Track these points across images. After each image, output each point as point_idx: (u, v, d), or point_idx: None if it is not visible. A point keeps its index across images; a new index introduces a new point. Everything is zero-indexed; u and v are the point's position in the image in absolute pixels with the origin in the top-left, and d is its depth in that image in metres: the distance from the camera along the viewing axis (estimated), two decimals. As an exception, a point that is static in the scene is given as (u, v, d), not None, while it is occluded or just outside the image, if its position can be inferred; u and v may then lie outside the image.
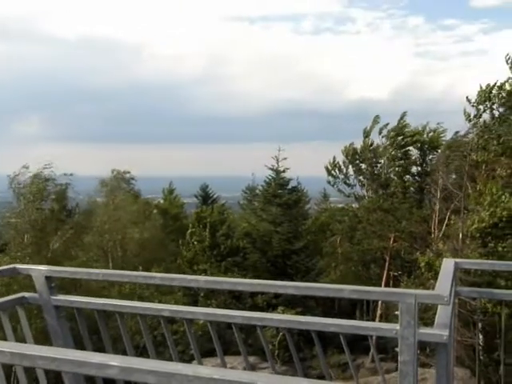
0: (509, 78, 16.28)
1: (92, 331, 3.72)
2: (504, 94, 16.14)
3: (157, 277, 3.59)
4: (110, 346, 3.61)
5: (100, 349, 3.71)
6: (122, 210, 27.97)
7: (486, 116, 17.46)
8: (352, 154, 29.51)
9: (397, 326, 3.05)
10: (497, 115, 16.63)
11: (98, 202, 30.72)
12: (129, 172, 31.55)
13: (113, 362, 1.73)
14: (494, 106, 16.56)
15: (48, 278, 3.53)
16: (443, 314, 3.26)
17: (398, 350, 3.13)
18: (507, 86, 16.32)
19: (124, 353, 3.52)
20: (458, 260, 4.10)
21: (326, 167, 30.44)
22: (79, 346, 3.50)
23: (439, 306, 3.31)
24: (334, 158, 30.30)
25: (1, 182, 27.11)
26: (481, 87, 16.78)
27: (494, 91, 16.56)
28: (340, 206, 33.36)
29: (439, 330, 3.03)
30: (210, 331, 3.45)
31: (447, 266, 3.82)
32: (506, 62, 16.11)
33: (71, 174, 26.36)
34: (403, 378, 3.10)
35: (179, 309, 3.55)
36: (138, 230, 27.34)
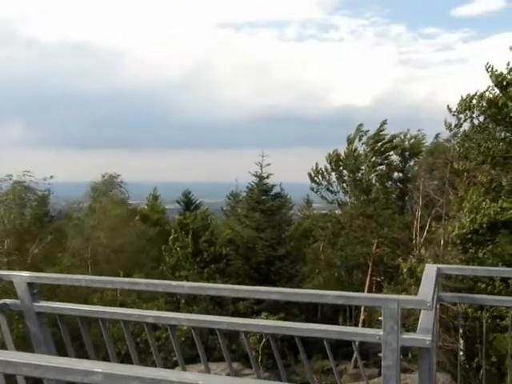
0: (489, 87, 16.53)
1: (75, 338, 3.69)
2: (484, 103, 16.38)
3: (141, 283, 3.57)
4: (92, 352, 3.59)
5: (82, 355, 3.68)
6: (104, 215, 27.81)
7: (466, 125, 17.73)
8: (335, 161, 29.69)
9: (380, 332, 3.08)
10: (477, 124, 16.88)
11: (80, 207, 30.58)
12: (119, 175, 31.50)
13: (97, 368, 1.72)
14: (474, 115, 16.80)
15: (30, 285, 3.50)
16: (426, 319, 3.29)
17: (381, 355, 3.15)
18: (487, 95, 16.55)
19: (106, 359, 3.50)
20: (440, 266, 4.15)
21: (309, 174, 30.57)
22: (62, 352, 3.47)
23: (422, 312, 3.35)
24: (317, 164, 30.46)
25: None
26: (462, 97, 17.02)
27: (474, 100, 16.80)
28: (323, 212, 33.50)
29: (422, 335, 3.06)
30: (194, 337, 3.44)
31: (429, 271, 3.87)
32: (487, 70, 16.34)
33: (51, 177, 26.26)
34: (386, 382, 3.13)
35: (163, 315, 3.54)
36: (119, 235, 27.19)
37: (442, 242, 19.51)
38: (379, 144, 28.81)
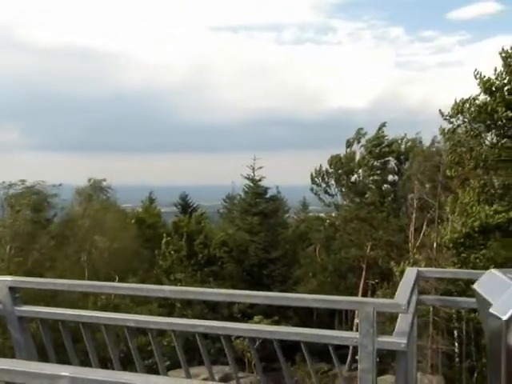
0: (480, 92, 16.59)
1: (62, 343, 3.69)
2: (475, 109, 16.44)
3: (123, 287, 3.60)
4: (74, 357, 3.60)
5: (67, 361, 3.70)
6: (98, 219, 27.87)
7: (459, 130, 17.76)
8: (335, 163, 29.72)
9: (357, 335, 3.11)
10: (469, 128, 16.96)
11: (76, 211, 30.68)
12: (105, 180, 31.50)
13: (64, 372, 1.75)
14: (467, 120, 16.86)
15: (12, 289, 3.51)
16: (403, 322, 3.33)
17: (357, 357, 3.19)
18: (477, 102, 16.63)
19: (105, 366, 3.52)
20: (420, 269, 4.19)
21: (311, 175, 30.55)
22: (44, 357, 3.49)
23: (400, 315, 3.38)
24: (321, 166, 30.42)
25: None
26: (455, 101, 17.09)
27: (466, 105, 16.87)
28: (320, 215, 33.54)
29: (398, 338, 3.09)
30: (174, 341, 3.47)
31: (409, 274, 3.90)
32: (475, 76, 16.43)
33: (60, 185, 26.87)
34: (362, 385, 3.16)
35: (144, 319, 3.56)
36: (114, 239, 27.21)
37: (435, 246, 19.55)
38: (378, 148, 28.91)
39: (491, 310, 0.99)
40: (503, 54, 16.75)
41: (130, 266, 26.85)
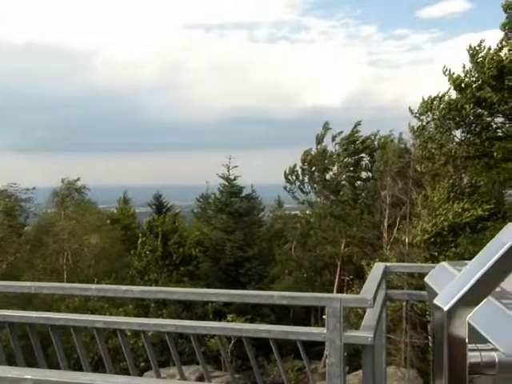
0: (449, 89, 16.86)
1: (44, 346, 3.65)
2: (444, 106, 16.69)
3: (91, 288, 3.57)
4: (43, 360, 3.57)
5: (51, 364, 3.67)
6: (74, 220, 27.64)
7: (428, 126, 18.02)
8: (308, 161, 29.91)
9: (324, 330, 3.16)
10: (439, 125, 17.21)
11: (50, 213, 30.40)
12: (78, 180, 31.19)
13: (27, 375, 1.76)
14: (436, 117, 17.11)
15: (-22, 293, 3.48)
16: (370, 316, 3.39)
17: (326, 353, 3.24)
18: (446, 98, 16.88)
19: (80, 368, 3.50)
20: (388, 264, 4.26)
21: (285, 173, 30.70)
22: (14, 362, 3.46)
23: (367, 310, 3.44)
24: (295, 165, 30.59)
25: None
26: (423, 98, 17.34)
27: (435, 102, 17.12)
28: (294, 213, 33.73)
29: (364, 333, 3.15)
30: (144, 341, 3.46)
31: (376, 270, 3.96)
32: (444, 73, 16.66)
33: (34, 188, 26.52)
34: (331, 379, 3.21)
35: (113, 319, 3.55)
36: (92, 241, 27.07)
37: (407, 242, 19.84)
38: (353, 145, 29.25)
39: (434, 301, 1.03)
40: (470, 51, 17.04)
41: (108, 267, 26.71)
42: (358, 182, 30.29)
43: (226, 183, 28.18)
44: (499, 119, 17.30)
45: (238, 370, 17.84)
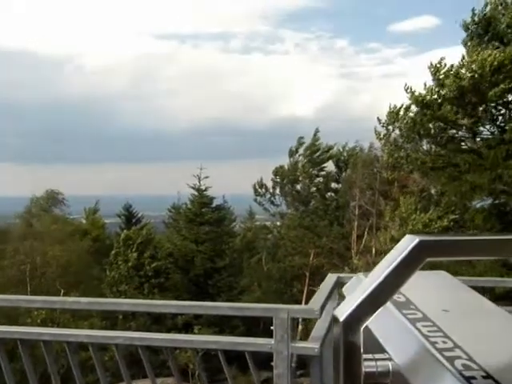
0: (410, 104, 17.13)
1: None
2: (409, 117, 16.99)
3: (37, 300, 3.52)
4: (10, 375, 3.48)
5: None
6: (42, 231, 27.24)
7: (395, 135, 18.31)
8: (280, 174, 30.10)
9: (272, 341, 3.16)
10: (405, 135, 17.51)
11: (17, 223, 29.89)
12: (59, 193, 30.88)
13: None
14: (402, 127, 17.40)
15: None
16: (319, 327, 3.40)
17: (272, 364, 3.23)
18: (413, 111, 17.20)
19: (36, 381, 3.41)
20: (341, 274, 4.29)
21: (254, 186, 30.81)
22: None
23: (318, 320, 3.45)
24: (262, 178, 30.75)
25: None
26: (389, 108, 17.63)
27: (401, 112, 17.41)
28: (266, 223, 33.78)
29: (312, 344, 3.17)
30: (92, 354, 3.41)
31: (328, 280, 3.99)
32: (405, 90, 16.93)
33: None
34: (278, 391, 3.21)
35: (61, 332, 3.49)
36: (59, 252, 26.61)
37: (374, 252, 20.05)
38: (315, 155, 29.48)
39: (334, 312, 1.04)
40: (432, 69, 17.32)
41: (74, 279, 26.28)
42: (328, 194, 30.56)
43: (197, 194, 28.11)
44: (462, 133, 17.68)
45: (210, 381, 17.66)
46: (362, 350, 1.08)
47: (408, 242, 1.09)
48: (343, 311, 1.11)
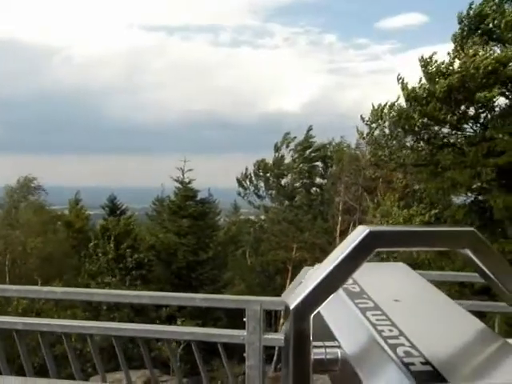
0: (398, 98, 17.30)
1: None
2: (394, 113, 17.10)
3: (11, 289, 3.50)
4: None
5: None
6: (22, 221, 26.97)
7: (378, 133, 18.42)
8: (263, 168, 30.13)
9: (245, 333, 3.18)
10: (388, 133, 17.62)
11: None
12: (35, 179, 30.51)
13: None
14: (386, 125, 17.51)
15: None
16: (292, 319, 3.43)
17: (245, 355, 3.26)
18: (399, 106, 17.31)
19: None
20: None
21: (238, 179, 30.83)
22: None
23: (291, 312, 3.48)
24: (246, 169, 30.76)
25: None
26: (373, 106, 17.74)
27: (385, 110, 17.52)
28: (250, 217, 33.83)
29: (283, 335, 3.19)
30: (65, 345, 3.40)
31: (303, 273, 4.02)
32: (398, 81, 17.09)
33: None
34: (250, 381, 3.23)
35: (34, 321, 3.48)
36: (39, 242, 26.39)
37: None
38: (307, 151, 29.62)
39: (285, 300, 1.06)
40: (422, 62, 17.49)
41: (56, 269, 26.12)
42: (314, 189, 30.68)
43: (181, 186, 28.05)
44: (446, 130, 17.85)
45: (186, 375, 17.69)
46: (311, 338, 1.10)
47: (359, 233, 1.11)
48: (293, 299, 1.12)
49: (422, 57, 17.56)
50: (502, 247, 16.14)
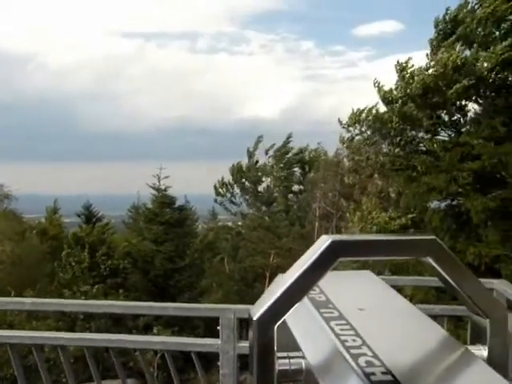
0: (377, 103, 17.49)
1: None
2: (371, 118, 17.28)
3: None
4: None
5: None
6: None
7: (357, 138, 18.60)
8: (237, 173, 30.16)
9: (219, 341, 3.15)
10: (366, 137, 17.79)
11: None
12: (2, 185, 30.00)
13: None
14: (363, 129, 17.68)
15: None
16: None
17: (219, 363, 3.23)
18: (373, 111, 17.49)
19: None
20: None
21: (215, 186, 30.81)
22: None
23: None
24: (223, 177, 30.81)
25: None
26: (353, 110, 17.90)
27: (363, 114, 17.70)
28: (228, 224, 33.77)
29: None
30: (35, 355, 3.33)
31: (276, 281, 4.01)
32: (375, 86, 17.27)
33: None
34: (224, 391, 3.20)
35: (3, 333, 3.40)
36: (9, 250, 25.91)
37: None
38: (286, 157, 29.81)
39: (250, 311, 1.05)
40: (398, 67, 17.72)
41: (28, 279, 25.64)
42: (291, 195, 30.79)
43: (157, 193, 27.90)
44: (421, 134, 18.10)
45: (168, 382, 17.52)
46: (275, 349, 1.09)
47: (322, 242, 1.11)
48: (257, 310, 1.12)
49: (398, 61, 17.84)
50: (478, 251, 16.36)
